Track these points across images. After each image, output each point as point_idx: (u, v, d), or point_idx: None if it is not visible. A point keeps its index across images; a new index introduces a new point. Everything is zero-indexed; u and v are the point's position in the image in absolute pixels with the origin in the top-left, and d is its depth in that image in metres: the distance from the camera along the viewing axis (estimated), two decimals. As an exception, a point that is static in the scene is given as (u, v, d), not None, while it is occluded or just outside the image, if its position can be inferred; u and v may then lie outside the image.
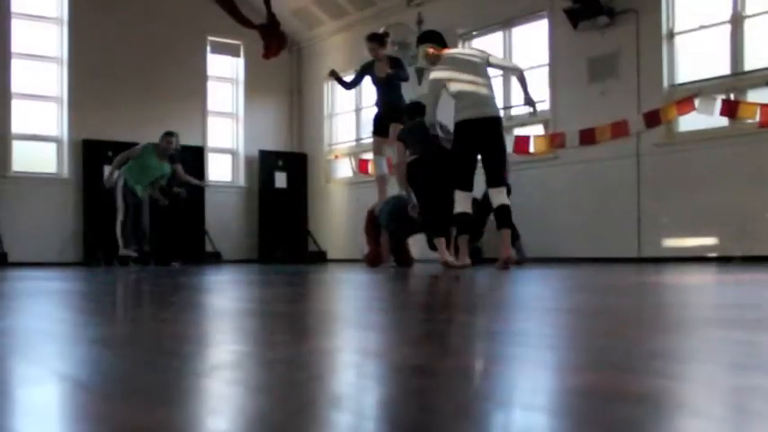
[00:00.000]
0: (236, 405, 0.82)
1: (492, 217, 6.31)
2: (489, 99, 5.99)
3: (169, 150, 8.80)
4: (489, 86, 6.04)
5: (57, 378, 1.00)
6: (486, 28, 9.76)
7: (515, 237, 7.12)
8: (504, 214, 5.92)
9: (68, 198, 10.74)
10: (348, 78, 8.07)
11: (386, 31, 8.25)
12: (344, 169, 12.02)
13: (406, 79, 7.56)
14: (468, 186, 5.93)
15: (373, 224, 7.45)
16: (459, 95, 5.91)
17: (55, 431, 0.73)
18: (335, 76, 7.96)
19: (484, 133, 5.84)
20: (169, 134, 8.86)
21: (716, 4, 7.66)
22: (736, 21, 7.46)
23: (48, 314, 2.18)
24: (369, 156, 10.60)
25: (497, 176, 5.93)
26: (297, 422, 0.73)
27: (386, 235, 7.14)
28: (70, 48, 10.79)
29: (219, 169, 12.27)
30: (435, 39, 6.29)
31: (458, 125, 5.91)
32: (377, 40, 7.51)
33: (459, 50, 6.37)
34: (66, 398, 0.88)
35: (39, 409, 0.82)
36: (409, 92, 8.22)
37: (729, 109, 7.37)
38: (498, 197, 5.91)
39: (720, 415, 0.75)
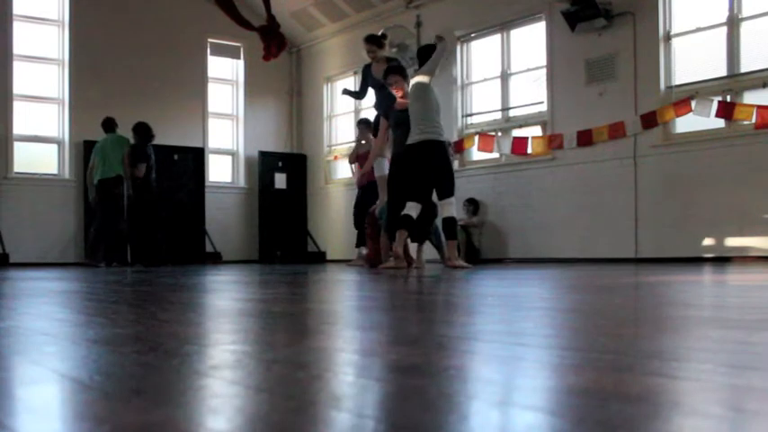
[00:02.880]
0: (236, 405, 0.82)
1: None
2: (429, 124, 6.39)
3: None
4: (430, 110, 6.41)
5: (57, 378, 1.01)
6: (484, 30, 9.78)
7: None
8: (449, 226, 6.43)
9: (69, 199, 10.75)
10: (352, 89, 8.38)
11: (383, 33, 8.28)
12: (344, 170, 12.02)
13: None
14: (416, 200, 6.45)
15: (373, 225, 7.46)
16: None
17: (55, 431, 0.74)
18: (347, 93, 8.31)
19: (426, 155, 6.32)
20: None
21: (712, 6, 7.68)
22: (733, 23, 7.47)
23: (48, 314, 2.18)
24: (368, 157, 10.59)
25: (446, 190, 6.46)
26: (297, 421, 0.73)
27: (385, 236, 7.14)
28: (71, 49, 10.81)
29: (220, 170, 12.29)
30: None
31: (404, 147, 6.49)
32: (374, 41, 7.52)
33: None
34: (66, 398, 0.89)
35: (39, 409, 0.83)
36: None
37: (726, 110, 7.38)
38: (446, 209, 6.45)
39: (718, 414, 0.76)
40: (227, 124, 12.43)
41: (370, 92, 8.00)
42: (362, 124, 8.88)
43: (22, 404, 0.86)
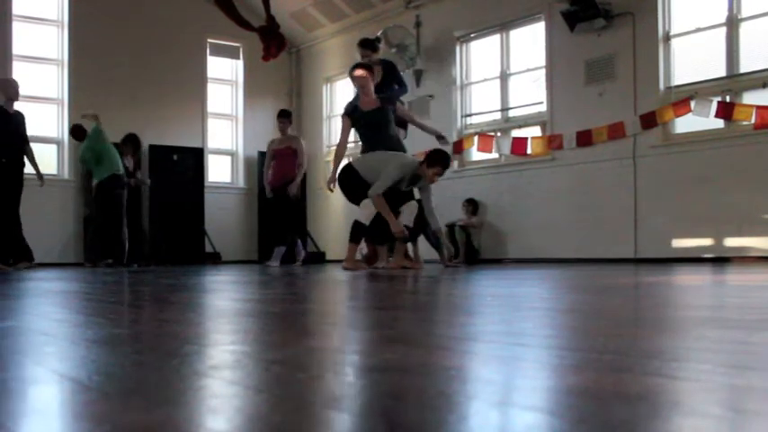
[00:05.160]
0: (236, 405, 0.82)
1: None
2: None
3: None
4: None
5: (57, 378, 1.01)
6: (483, 30, 9.78)
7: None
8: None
9: (69, 199, 10.75)
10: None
11: (377, 37, 8.27)
12: (343, 171, 12.02)
13: (401, 84, 7.45)
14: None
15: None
16: None
17: (55, 431, 0.73)
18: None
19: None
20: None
21: (711, 6, 7.68)
22: (732, 23, 7.48)
23: (48, 314, 2.18)
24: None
25: None
26: (296, 422, 0.73)
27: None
28: (70, 50, 10.81)
29: (219, 170, 12.29)
30: None
31: None
32: (369, 46, 7.48)
33: None
34: (65, 398, 0.89)
35: (39, 409, 0.83)
36: (408, 94, 8.21)
37: (725, 111, 7.38)
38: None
39: (717, 414, 0.76)
40: (226, 124, 12.43)
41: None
42: (282, 116, 8.79)
43: (21, 404, 0.86)
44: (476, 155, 9.90)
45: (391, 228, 6.06)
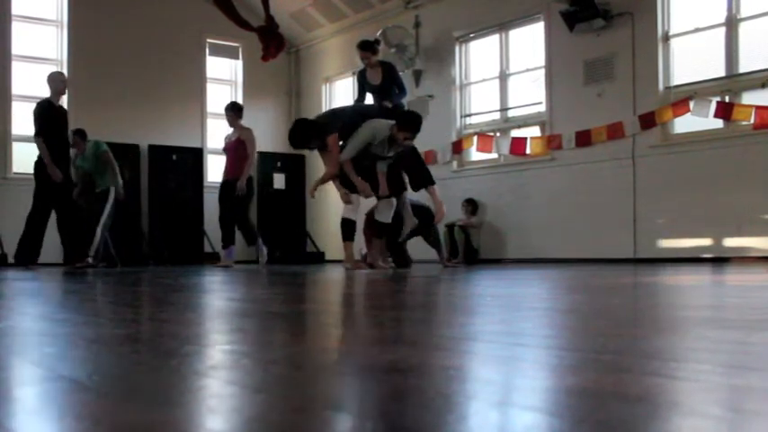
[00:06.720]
0: (235, 405, 0.82)
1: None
2: None
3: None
4: None
5: (56, 378, 1.01)
6: (482, 30, 9.78)
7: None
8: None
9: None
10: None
11: (377, 39, 8.27)
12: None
13: (401, 87, 7.43)
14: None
15: (371, 226, 7.44)
16: None
17: (55, 431, 0.73)
18: None
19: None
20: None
21: (710, 6, 7.69)
22: (731, 23, 7.48)
23: (47, 314, 2.18)
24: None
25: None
26: (295, 422, 0.73)
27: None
28: (69, 50, 10.80)
29: (219, 170, 12.26)
30: None
31: None
32: (368, 48, 7.48)
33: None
34: (65, 398, 0.89)
35: (38, 409, 0.83)
36: (407, 94, 8.20)
37: (724, 111, 7.39)
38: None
39: (717, 415, 0.76)
40: (225, 125, 12.38)
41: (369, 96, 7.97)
42: (230, 110, 8.81)
43: (20, 405, 0.86)
44: (475, 155, 9.90)
45: (359, 189, 6.39)
